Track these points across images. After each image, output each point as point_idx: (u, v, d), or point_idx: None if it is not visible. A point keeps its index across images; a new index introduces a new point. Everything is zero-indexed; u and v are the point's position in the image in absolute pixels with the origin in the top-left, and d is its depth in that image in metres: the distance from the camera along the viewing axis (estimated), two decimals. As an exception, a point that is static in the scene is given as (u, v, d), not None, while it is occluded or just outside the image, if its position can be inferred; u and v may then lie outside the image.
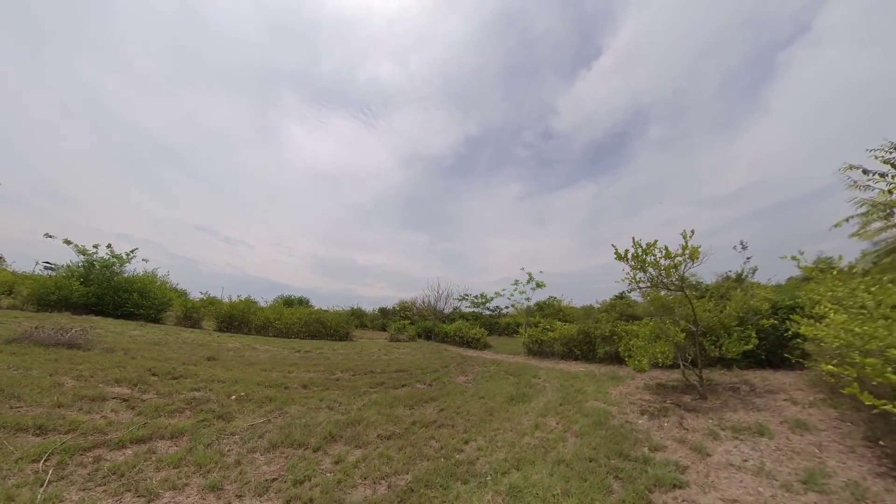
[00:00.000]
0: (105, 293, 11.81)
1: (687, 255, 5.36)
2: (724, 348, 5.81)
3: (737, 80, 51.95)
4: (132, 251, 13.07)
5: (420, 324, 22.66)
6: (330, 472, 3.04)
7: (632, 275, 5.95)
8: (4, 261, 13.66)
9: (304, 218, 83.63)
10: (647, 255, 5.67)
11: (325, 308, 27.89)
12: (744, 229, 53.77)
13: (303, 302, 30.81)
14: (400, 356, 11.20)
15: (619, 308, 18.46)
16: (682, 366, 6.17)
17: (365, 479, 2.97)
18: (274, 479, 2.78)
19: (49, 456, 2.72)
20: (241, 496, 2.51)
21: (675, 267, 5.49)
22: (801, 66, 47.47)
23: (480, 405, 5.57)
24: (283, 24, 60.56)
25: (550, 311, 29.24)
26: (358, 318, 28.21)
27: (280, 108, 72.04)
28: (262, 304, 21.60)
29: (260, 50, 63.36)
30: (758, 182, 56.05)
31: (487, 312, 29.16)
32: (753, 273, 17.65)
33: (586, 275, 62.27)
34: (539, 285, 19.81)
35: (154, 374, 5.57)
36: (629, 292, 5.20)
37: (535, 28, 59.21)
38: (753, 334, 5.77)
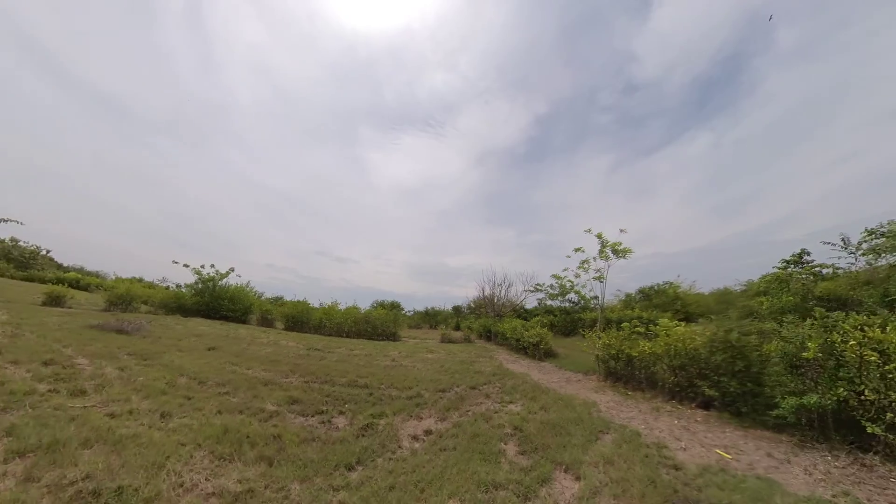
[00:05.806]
0: (210, 301, 16.03)
1: None
2: None
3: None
4: (230, 269, 17.34)
5: (482, 321, 21.68)
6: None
7: None
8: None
9: (397, 231, 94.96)
10: None
11: (420, 309, 31.17)
12: None
13: (395, 306, 33.74)
14: (410, 364, 9.60)
15: (802, 285, 9.34)
16: None
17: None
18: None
19: None
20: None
21: None
22: None
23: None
24: (346, 72, 71.90)
25: (662, 300, 22.25)
26: (432, 318, 29.41)
27: (359, 142, 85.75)
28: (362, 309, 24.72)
29: (332, 101, 77.52)
30: None
31: (568, 305, 22.79)
32: None
33: (713, 251, 48.24)
34: (616, 251, 12.97)
35: (129, 354, 7.24)
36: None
37: (584, -31, 50.33)
38: None
